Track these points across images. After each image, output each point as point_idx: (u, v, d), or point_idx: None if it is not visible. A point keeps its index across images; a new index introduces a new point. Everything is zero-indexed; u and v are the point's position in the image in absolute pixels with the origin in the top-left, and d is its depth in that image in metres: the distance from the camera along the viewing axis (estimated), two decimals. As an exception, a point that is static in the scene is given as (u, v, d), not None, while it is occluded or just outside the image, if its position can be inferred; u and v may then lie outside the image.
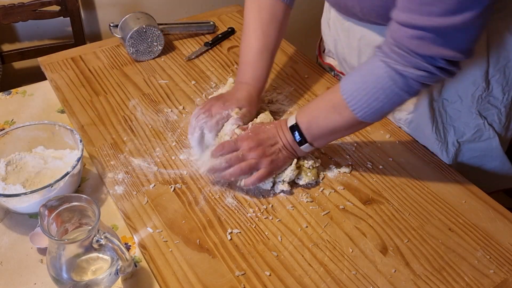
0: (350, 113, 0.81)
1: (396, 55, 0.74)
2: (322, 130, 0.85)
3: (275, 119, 1.02)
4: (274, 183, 0.89)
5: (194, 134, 0.94)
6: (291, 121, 0.87)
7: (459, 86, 0.95)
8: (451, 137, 1.00)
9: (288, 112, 1.07)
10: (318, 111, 0.86)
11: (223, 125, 0.94)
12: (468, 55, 0.73)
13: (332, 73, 1.22)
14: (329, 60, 1.22)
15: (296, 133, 0.86)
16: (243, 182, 0.86)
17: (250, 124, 0.93)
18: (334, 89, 0.84)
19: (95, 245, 0.68)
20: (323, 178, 0.92)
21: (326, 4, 1.10)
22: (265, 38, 0.99)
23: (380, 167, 0.95)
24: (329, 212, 0.86)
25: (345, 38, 1.05)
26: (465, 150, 1.02)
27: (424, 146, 1.01)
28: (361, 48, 1.01)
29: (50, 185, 0.79)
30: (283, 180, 0.88)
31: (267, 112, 1.00)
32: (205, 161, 0.89)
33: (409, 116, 1.03)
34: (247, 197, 0.88)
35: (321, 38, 1.23)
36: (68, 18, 1.74)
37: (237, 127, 0.92)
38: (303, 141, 0.86)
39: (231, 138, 0.90)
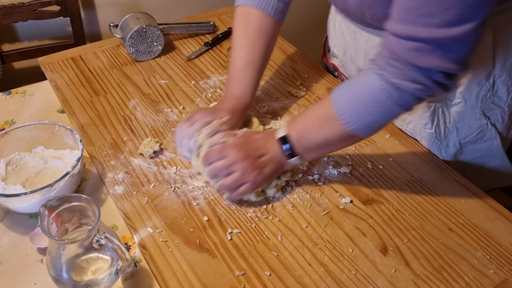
0: (342, 126, 0.78)
1: (392, 68, 0.72)
2: (313, 143, 0.83)
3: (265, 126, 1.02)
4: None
5: (182, 144, 0.92)
6: (281, 133, 0.85)
7: (464, 87, 0.95)
8: (453, 138, 1.00)
9: (278, 122, 1.05)
10: (309, 124, 0.83)
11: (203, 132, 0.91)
12: (464, 67, 0.72)
13: (336, 73, 1.22)
14: (333, 60, 1.22)
15: (287, 145, 0.84)
16: (226, 195, 0.86)
17: (238, 131, 0.90)
18: (325, 102, 0.81)
19: (95, 245, 0.68)
20: (289, 191, 0.89)
21: (332, 6, 1.10)
22: (251, 54, 0.98)
23: (380, 167, 0.95)
24: (329, 212, 0.86)
25: (351, 40, 1.05)
26: (467, 152, 1.02)
27: (419, 143, 1.01)
28: (368, 50, 1.01)
29: (50, 185, 0.79)
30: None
31: (254, 120, 0.99)
32: (197, 167, 0.90)
33: (408, 116, 1.03)
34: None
35: (326, 37, 1.23)
36: (68, 18, 1.74)
37: (224, 133, 0.90)
38: (292, 153, 0.84)
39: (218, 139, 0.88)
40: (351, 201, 0.88)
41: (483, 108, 0.97)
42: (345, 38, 1.07)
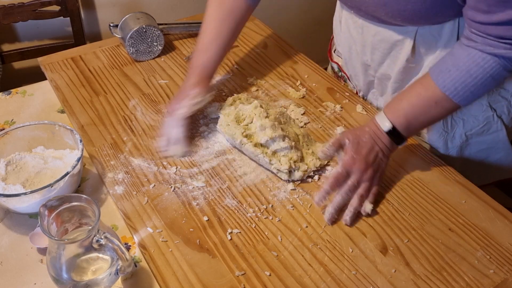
0: (454, 104, 0.85)
1: (506, 45, 0.79)
2: (423, 125, 0.93)
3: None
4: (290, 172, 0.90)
5: (171, 134, 0.96)
6: (385, 126, 0.88)
7: None
8: (459, 129, 1.01)
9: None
10: (416, 108, 0.87)
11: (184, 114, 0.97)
12: None
13: (340, 74, 1.22)
14: (337, 60, 1.22)
15: (397, 136, 0.88)
16: (368, 206, 0.85)
17: (341, 136, 0.89)
18: (428, 86, 0.86)
19: (95, 245, 0.68)
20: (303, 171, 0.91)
21: (338, 3, 1.11)
22: (219, 29, 1.04)
23: (380, 167, 0.95)
24: (329, 212, 0.86)
25: (358, 35, 1.05)
26: (473, 144, 1.03)
27: (421, 145, 1.01)
28: (375, 44, 1.01)
29: (50, 185, 0.79)
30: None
31: (255, 103, 0.97)
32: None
33: None
34: (247, 197, 0.88)
35: (332, 37, 1.23)
36: (68, 18, 1.74)
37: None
38: (401, 141, 0.89)
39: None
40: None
41: (490, 100, 0.98)
42: (351, 34, 1.07)
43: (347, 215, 0.84)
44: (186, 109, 0.96)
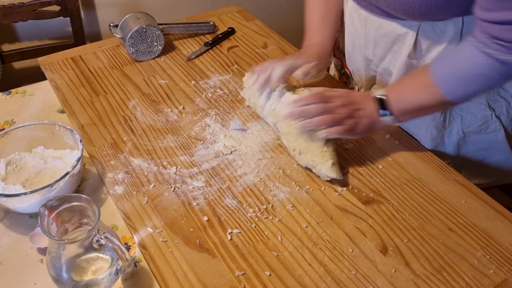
0: (442, 94, 0.86)
1: (497, 46, 0.79)
2: (410, 106, 0.90)
3: None
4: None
5: (275, 71, 0.97)
6: (379, 93, 0.91)
7: None
8: (457, 125, 1.02)
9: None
10: (408, 88, 0.90)
11: (290, 72, 0.99)
12: None
13: (342, 71, 1.22)
14: (340, 56, 1.22)
15: (383, 104, 0.90)
16: (325, 132, 0.89)
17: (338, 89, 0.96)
18: (424, 73, 0.88)
19: (95, 245, 0.68)
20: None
21: None
22: (327, 6, 1.08)
23: (380, 167, 0.95)
24: (329, 212, 0.86)
25: (361, 29, 1.05)
26: (470, 142, 1.03)
27: (419, 143, 1.02)
28: (377, 38, 1.02)
29: (50, 185, 0.79)
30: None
31: (302, 90, 1.00)
32: (275, 107, 0.96)
33: None
34: (247, 197, 0.88)
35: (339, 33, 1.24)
36: (68, 18, 1.74)
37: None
38: (388, 113, 0.90)
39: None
40: (351, 201, 0.88)
41: (489, 99, 0.98)
42: (355, 27, 1.07)
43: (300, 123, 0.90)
44: (301, 70, 0.99)
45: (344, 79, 1.23)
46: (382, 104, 0.90)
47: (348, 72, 1.20)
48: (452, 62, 0.86)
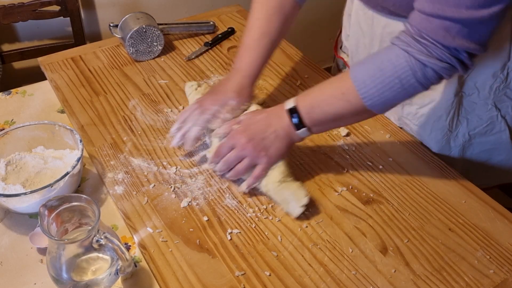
0: (359, 100, 0.80)
1: (419, 45, 0.74)
2: (325, 116, 0.84)
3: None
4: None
5: (192, 130, 0.92)
6: (289, 104, 0.86)
7: (478, 78, 0.96)
8: (463, 128, 1.01)
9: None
10: (323, 96, 0.85)
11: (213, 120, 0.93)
12: (485, 48, 0.75)
13: (344, 70, 1.22)
14: (343, 55, 1.22)
15: (295, 116, 0.85)
16: (244, 185, 0.87)
17: (241, 116, 0.92)
18: (343, 76, 0.83)
19: (95, 245, 0.68)
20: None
21: None
22: (267, 26, 0.98)
23: (380, 167, 0.95)
24: (329, 212, 0.86)
25: (367, 27, 1.04)
26: (476, 144, 1.02)
27: (423, 144, 1.01)
28: (384, 36, 1.01)
29: (50, 185, 0.79)
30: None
31: (255, 105, 0.97)
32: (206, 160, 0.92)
33: (420, 110, 1.02)
34: (247, 197, 0.88)
35: (340, 33, 1.23)
36: (68, 18, 1.74)
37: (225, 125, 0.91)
38: (300, 125, 0.85)
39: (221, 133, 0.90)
40: (351, 201, 0.88)
41: (495, 99, 0.98)
42: (361, 27, 1.06)
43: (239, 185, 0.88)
44: (217, 121, 0.92)
45: None
46: (294, 116, 0.85)
47: None
48: (374, 63, 0.80)
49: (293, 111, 0.85)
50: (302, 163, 0.95)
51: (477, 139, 1.02)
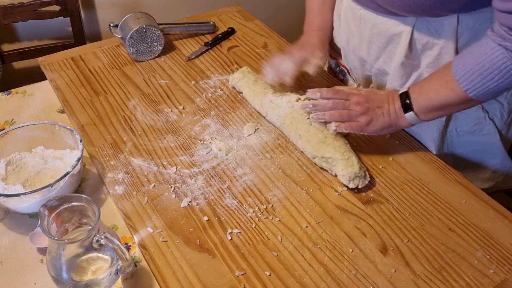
0: (462, 91, 0.85)
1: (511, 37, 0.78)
2: (431, 102, 0.89)
3: None
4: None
5: (282, 65, 1.01)
6: (403, 89, 0.92)
7: None
8: (452, 123, 1.02)
9: None
10: (430, 83, 0.89)
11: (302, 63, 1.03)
12: None
13: (338, 69, 1.22)
14: (335, 55, 1.22)
15: (405, 100, 0.90)
16: (334, 126, 0.91)
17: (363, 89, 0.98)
18: (447, 66, 0.87)
19: (95, 245, 0.68)
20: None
21: None
22: None
23: (380, 167, 0.95)
24: (329, 212, 0.86)
25: (356, 28, 1.05)
26: (466, 142, 1.03)
27: (423, 144, 1.02)
28: (372, 37, 1.02)
29: (50, 185, 0.79)
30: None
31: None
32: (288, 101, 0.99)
33: None
34: (247, 197, 0.88)
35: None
36: (68, 18, 1.74)
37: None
38: (408, 108, 0.90)
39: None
40: (351, 201, 0.88)
41: None
42: (350, 27, 1.07)
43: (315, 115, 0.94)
44: (312, 67, 1.02)
45: (340, 77, 1.23)
46: (405, 100, 0.90)
47: (345, 70, 1.20)
48: (471, 57, 0.84)
49: (404, 95, 0.91)
50: (302, 163, 0.95)
51: (466, 138, 1.03)
